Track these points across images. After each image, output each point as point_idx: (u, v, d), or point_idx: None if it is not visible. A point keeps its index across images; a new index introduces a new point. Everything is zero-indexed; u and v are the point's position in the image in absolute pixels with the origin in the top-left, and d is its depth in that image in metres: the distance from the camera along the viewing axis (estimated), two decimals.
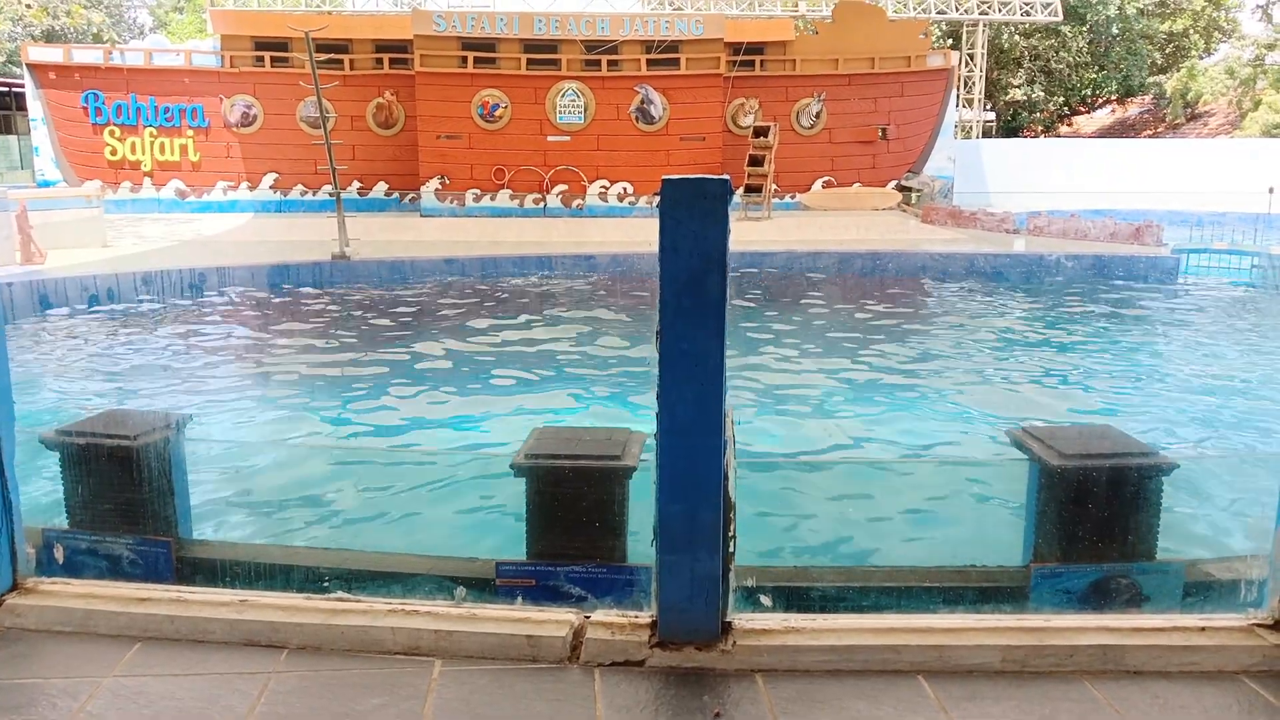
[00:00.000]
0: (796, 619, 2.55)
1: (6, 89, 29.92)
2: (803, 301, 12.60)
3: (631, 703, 2.28)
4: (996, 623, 2.55)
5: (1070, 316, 11.69)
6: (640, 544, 3.03)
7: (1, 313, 2.71)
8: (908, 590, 3.43)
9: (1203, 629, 2.50)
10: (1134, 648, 2.44)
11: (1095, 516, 3.31)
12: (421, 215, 21.13)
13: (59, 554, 3.44)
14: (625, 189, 21.78)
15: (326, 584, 3.27)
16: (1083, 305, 12.40)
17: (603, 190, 21.78)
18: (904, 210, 22.07)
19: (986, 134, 32.73)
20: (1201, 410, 7.50)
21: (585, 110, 21.44)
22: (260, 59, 21.67)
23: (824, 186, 22.73)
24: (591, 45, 21.18)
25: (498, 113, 21.26)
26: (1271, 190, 20.07)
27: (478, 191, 21.51)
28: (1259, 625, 2.51)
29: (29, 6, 29.31)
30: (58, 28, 36.70)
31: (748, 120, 22.07)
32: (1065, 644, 2.44)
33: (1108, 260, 14.46)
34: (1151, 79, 38.24)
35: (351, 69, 21.48)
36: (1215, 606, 3.16)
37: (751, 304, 12.01)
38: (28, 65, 21.49)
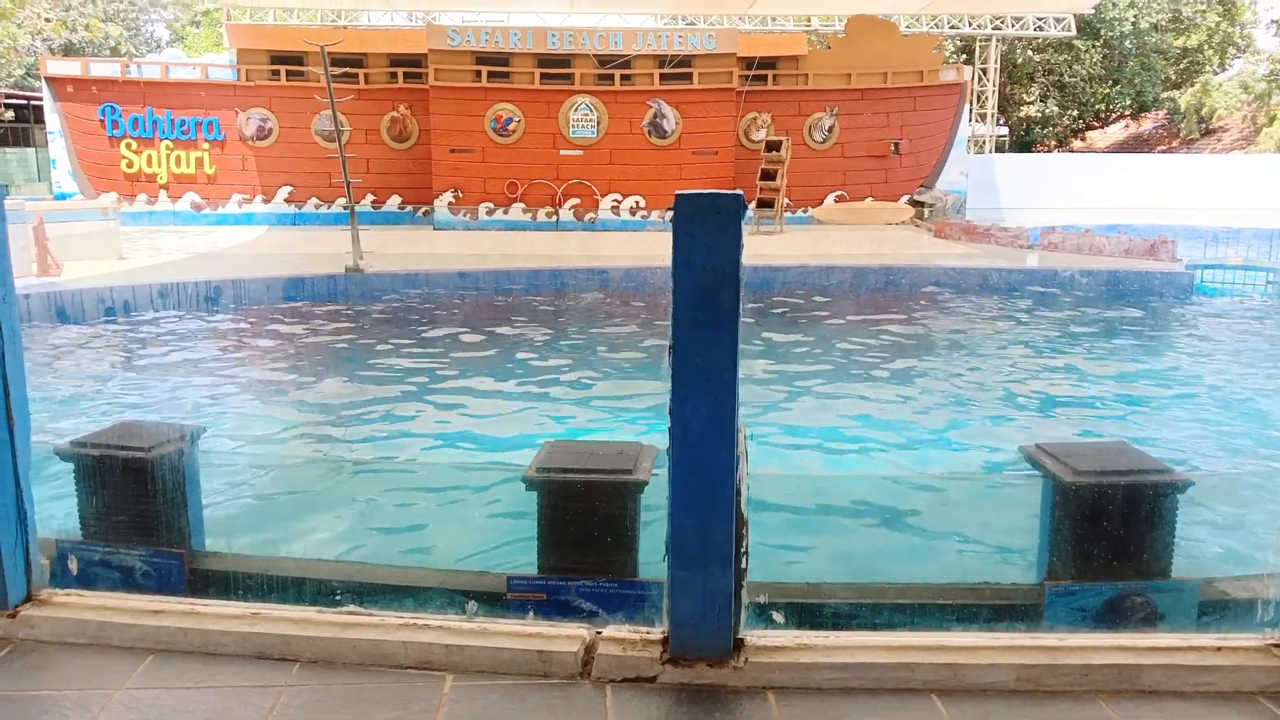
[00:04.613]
0: (809, 636, 2.54)
1: (25, 102, 30.21)
2: (815, 315, 12.58)
3: (643, 719, 2.27)
4: (1011, 641, 2.53)
5: (1084, 332, 11.64)
6: (652, 558, 3.03)
7: (18, 324, 2.72)
8: (921, 607, 3.41)
9: (1219, 649, 2.48)
10: (1149, 667, 2.42)
11: (1110, 534, 3.29)
12: (435, 228, 21.21)
13: (73, 565, 3.45)
14: (638, 203, 21.82)
15: (338, 597, 3.27)
16: (1097, 321, 12.35)
17: (615, 204, 21.82)
18: (917, 225, 22.05)
19: (1000, 149, 32.70)
20: (1216, 427, 7.45)
21: (598, 124, 21.51)
22: (276, 73, 21.83)
23: (836, 201, 22.73)
24: (604, 60, 21.26)
25: (511, 127, 21.35)
26: None
27: (490, 205, 21.58)
28: (1276, 645, 2.49)
29: (48, 20, 29.59)
30: (76, 41, 37.04)
31: (760, 134, 22.11)
32: (1080, 663, 2.43)
33: (1122, 276, 14.41)
34: (1166, 94, 38.18)
35: (366, 83, 21.62)
36: (1231, 626, 3.13)
37: (760, 318, 12.01)
38: (46, 78, 21.70)
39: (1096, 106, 39.27)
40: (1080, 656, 2.44)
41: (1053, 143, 39.41)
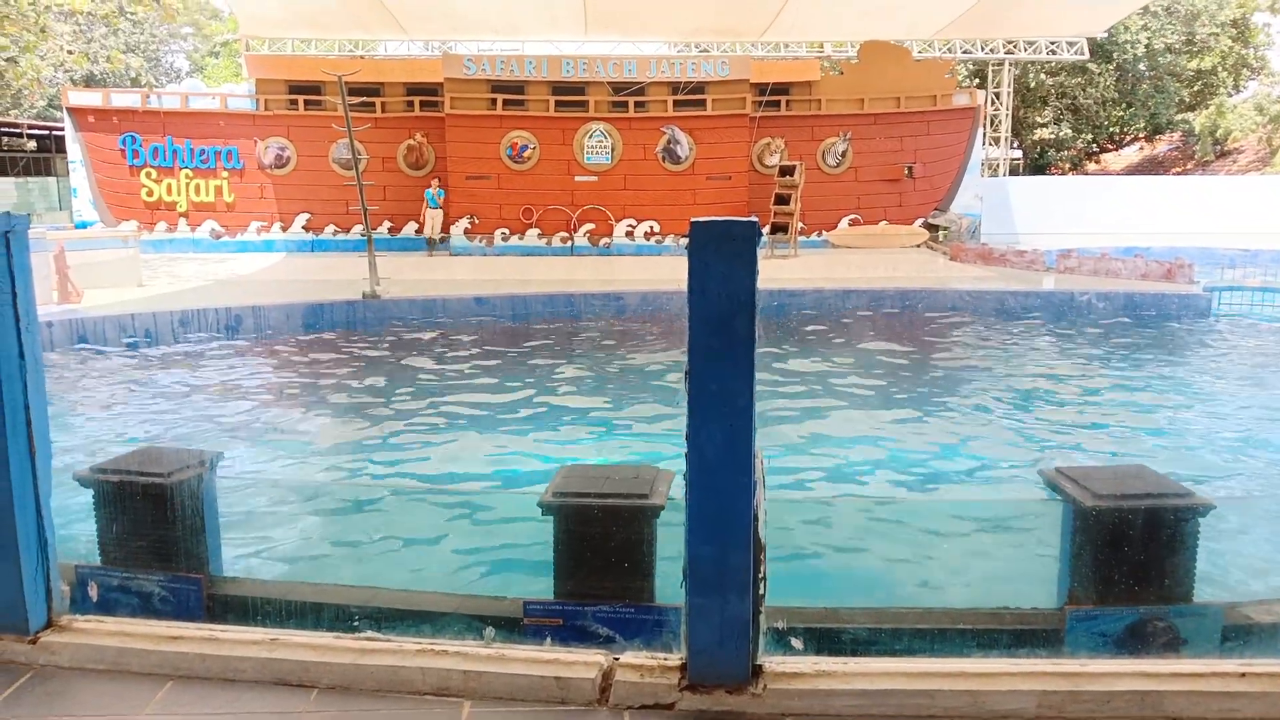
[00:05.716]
0: (827, 662, 2.53)
1: (47, 132, 30.64)
2: (832, 338, 12.57)
3: None
4: (1031, 667, 2.51)
5: (1102, 355, 11.59)
6: (669, 584, 3.02)
7: (40, 350, 2.75)
8: (940, 633, 3.38)
9: (1243, 674, 2.45)
10: (1172, 693, 2.39)
11: (1130, 558, 3.26)
12: (451, 254, 21.32)
13: (93, 591, 3.46)
14: (652, 227, 21.90)
15: (356, 623, 3.27)
16: (1114, 344, 12.29)
17: (629, 229, 21.91)
18: (931, 248, 22.03)
19: (1014, 172, 32.67)
20: (1237, 450, 7.39)
21: (612, 151, 21.63)
22: (294, 102, 22.06)
23: (851, 224, 22.75)
24: (619, 87, 21.41)
25: (526, 153, 21.49)
26: None
27: (506, 231, 21.71)
28: None
29: (70, 53, 30.06)
30: (97, 72, 37.60)
31: (774, 159, 22.18)
32: (1102, 689, 2.40)
33: (1139, 299, 14.35)
34: (1180, 116, 38.10)
35: (383, 111, 21.81)
36: (1255, 651, 3.10)
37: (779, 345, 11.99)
38: (68, 109, 21.99)
39: (1110, 129, 39.22)
40: (1102, 683, 2.42)
41: (1067, 166, 39.33)
